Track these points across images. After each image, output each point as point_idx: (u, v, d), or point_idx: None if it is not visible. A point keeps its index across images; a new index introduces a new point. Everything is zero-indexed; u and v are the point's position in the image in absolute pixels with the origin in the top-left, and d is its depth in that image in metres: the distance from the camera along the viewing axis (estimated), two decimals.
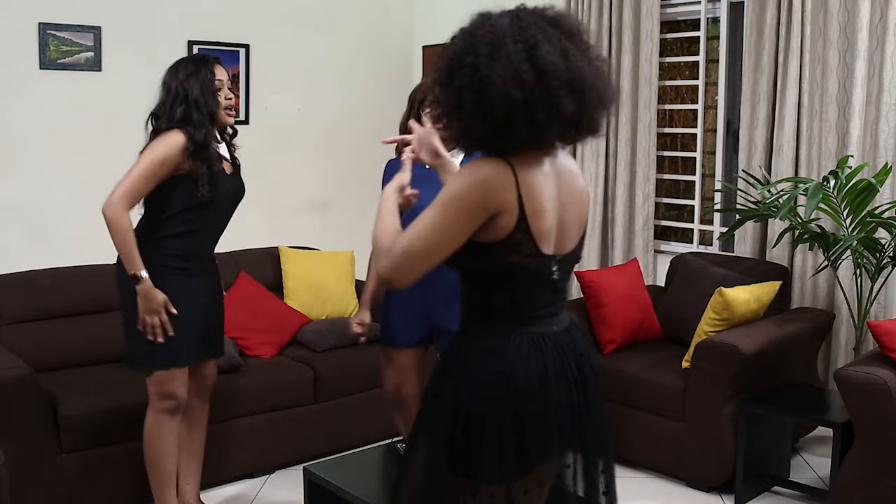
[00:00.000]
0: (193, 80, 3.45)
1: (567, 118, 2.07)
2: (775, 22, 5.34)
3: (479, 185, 2.08)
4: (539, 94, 2.03)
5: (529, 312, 2.24)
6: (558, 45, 2.05)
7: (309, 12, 7.42)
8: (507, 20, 2.08)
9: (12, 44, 6.08)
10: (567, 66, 2.04)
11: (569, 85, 2.04)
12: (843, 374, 3.67)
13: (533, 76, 2.02)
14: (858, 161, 4.90)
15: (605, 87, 2.13)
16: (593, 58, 2.12)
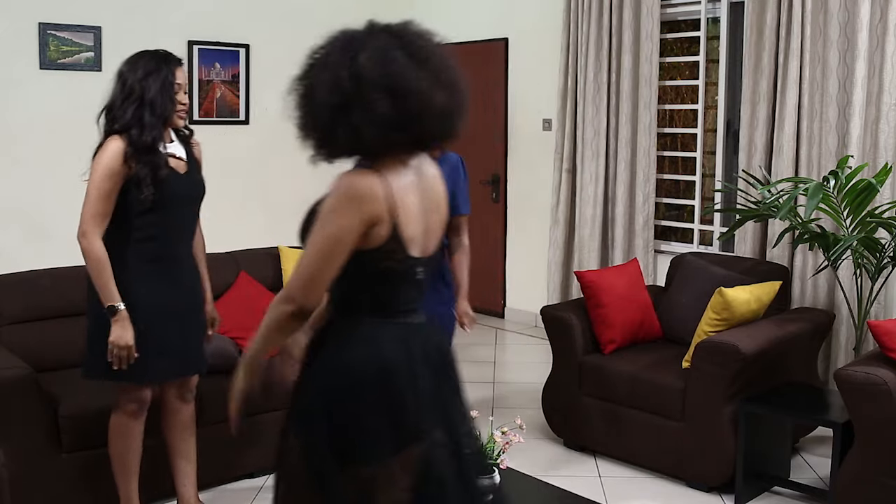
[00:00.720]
0: (153, 79, 3.35)
1: (385, 121, 2.14)
2: (775, 22, 5.34)
3: (353, 201, 2.18)
4: (354, 98, 2.13)
5: (396, 307, 2.36)
6: (382, 53, 2.17)
7: (309, 12, 7.42)
8: (352, 34, 2.26)
9: (12, 44, 6.08)
10: (385, 72, 2.14)
11: (386, 89, 2.13)
12: (843, 374, 3.67)
13: (349, 81, 2.14)
14: (858, 161, 4.90)
15: (444, 93, 2.21)
16: (435, 67, 2.22)
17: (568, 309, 4.80)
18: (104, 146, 3.33)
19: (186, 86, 3.49)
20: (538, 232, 7.18)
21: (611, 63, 6.37)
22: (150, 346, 3.41)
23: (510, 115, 7.48)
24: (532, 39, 7.23)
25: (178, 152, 3.52)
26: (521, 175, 7.45)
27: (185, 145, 3.58)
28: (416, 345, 2.35)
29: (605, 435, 4.58)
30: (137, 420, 3.57)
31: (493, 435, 3.19)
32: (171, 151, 3.48)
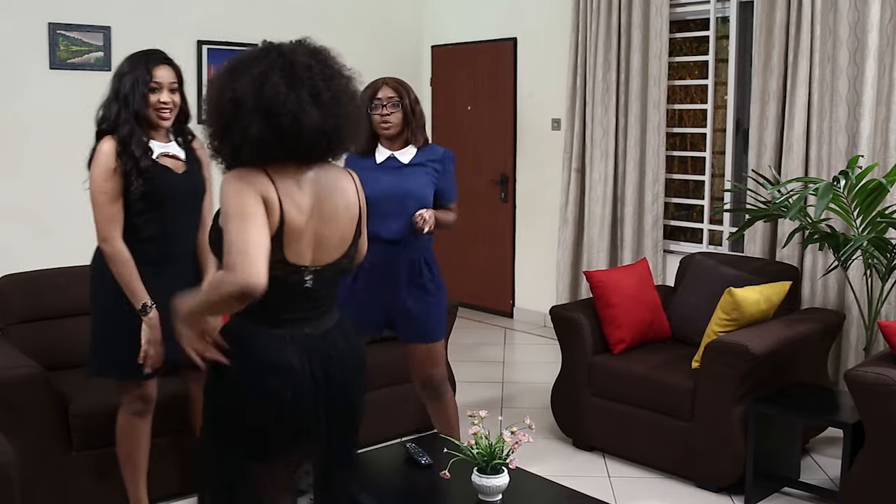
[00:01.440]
0: (127, 77, 3.43)
1: (258, 141, 2.29)
2: (785, 21, 5.32)
3: (243, 180, 2.32)
4: (233, 120, 2.31)
5: (279, 315, 2.44)
6: (260, 77, 2.29)
7: (317, 12, 7.43)
8: (242, 56, 2.40)
9: (22, 44, 6.10)
10: (259, 95, 2.27)
11: (259, 111, 2.27)
12: (853, 374, 3.66)
13: (230, 105, 2.31)
14: (869, 161, 4.89)
15: (319, 112, 2.32)
16: (313, 86, 2.32)
17: (577, 309, 4.79)
18: (97, 149, 3.38)
19: (174, 84, 3.49)
20: (547, 232, 7.18)
21: (620, 62, 6.36)
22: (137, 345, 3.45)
23: (519, 114, 7.47)
24: (541, 39, 7.23)
25: (174, 151, 3.53)
26: (529, 175, 7.45)
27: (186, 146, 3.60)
28: (292, 357, 2.43)
29: (614, 435, 4.58)
30: (144, 419, 3.60)
31: (502, 434, 3.18)
32: (166, 150, 3.49)
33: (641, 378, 4.45)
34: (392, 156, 3.88)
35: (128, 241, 3.39)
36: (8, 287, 4.26)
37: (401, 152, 3.88)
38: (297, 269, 2.40)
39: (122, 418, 3.59)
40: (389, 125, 3.83)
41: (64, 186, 6.12)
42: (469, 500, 3.14)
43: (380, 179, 3.76)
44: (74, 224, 6.16)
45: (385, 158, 3.87)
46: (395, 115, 3.83)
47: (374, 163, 3.85)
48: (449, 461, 3.14)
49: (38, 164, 6.19)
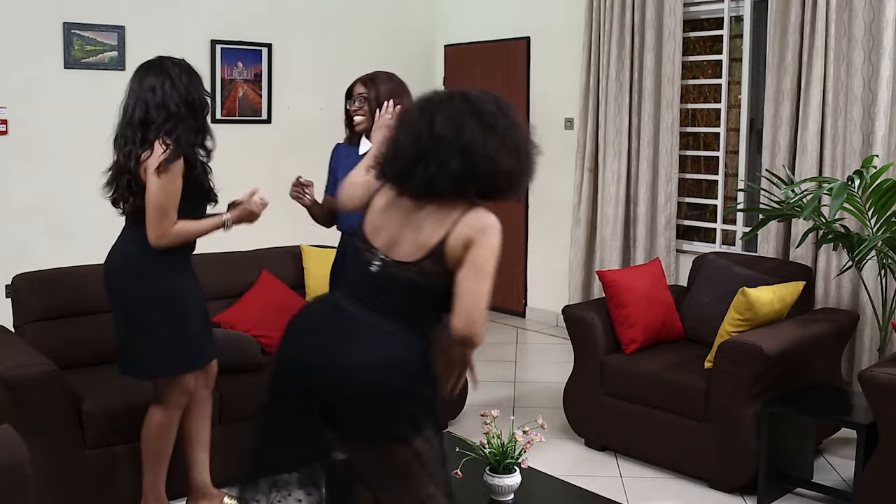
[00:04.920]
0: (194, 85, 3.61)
1: (454, 174, 2.49)
2: (799, 20, 5.30)
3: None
4: (431, 152, 2.49)
5: (348, 285, 2.70)
6: (455, 118, 2.51)
7: (331, 12, 7.44)
8: (429, 97, 2.61)
9: (37, 43, 6.13)
10: (458, 135, 2.49)
11: (459, 149, 2.48)
12: (867, 375, 3.64)
13: (428, 138, 2.50)
14: (883, 161, 4.86)
15: (507, 160, 2.55)
16: (502, 133, 2.55)
17: (589, 308, 4.78)
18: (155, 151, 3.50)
19: None
20: (560, 231, 7.17)
21: (633, 62, 6.35)
22: (198, 331, 3.65)
23: (532, 113, 7.46)
24: (554, 38, 7.22)
25: None
26: (542, 174, 7.32)
27: None
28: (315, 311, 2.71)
29: (626, 435, 4.57)
30: (180, 412, 3.71)
31: (514, 434, 3.18)
32: None
33: (654, 378, 4.45)
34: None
35: None
36: (23, 285, 4.28)
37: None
38: (370, 247, 2.64)
39: (164, 416, 3.65)
40: (359, 122, 3.93)
41: (79, 185, 6.15)
42: (481, 499, 3.14)
43: None
44: (89, 222, 6.19)
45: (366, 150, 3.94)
46: (363, 111, 3.91)
47: (357, 154, 3.94)
48: (461, 460, 3.15)
49: (52, 162, 6.22)
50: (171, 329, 3.54)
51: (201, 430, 3.83)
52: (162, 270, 3.54)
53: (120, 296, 3.58)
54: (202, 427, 3.84)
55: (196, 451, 3.83)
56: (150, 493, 3.72)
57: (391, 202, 2.64)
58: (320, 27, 7.39)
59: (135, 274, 3.54)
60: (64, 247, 6.06)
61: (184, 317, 3.59)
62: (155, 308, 3.53)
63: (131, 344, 3.57)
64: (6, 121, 6.02)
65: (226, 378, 4.19)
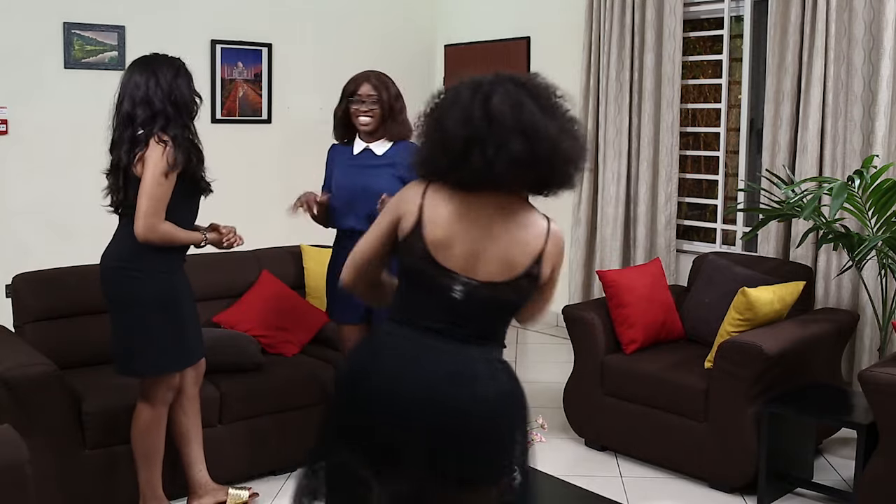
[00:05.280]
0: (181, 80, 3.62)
1: (516, 157, 2.27)
2: (799, 20, 5.30)
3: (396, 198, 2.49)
4: (487, 134, 2.27)
5: (414, 315, 2.40)
6: (513, 98, 2.29)
7: (331, 12, 7.43)
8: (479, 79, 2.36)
9: (37, 43, 6.13)
10: (518, 116, 2.27)
11: (519, 130, 2.27)
12: (867, 375, 3.64)
13: (481, 120, 2.28)
14: (884, 161, 4.86)
15: (567, 143, 2.34)
16: (560, 116, 2.35)
17: (590, 308, 4.79)
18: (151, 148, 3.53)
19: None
20: None
21: (633, 62, 6.35)
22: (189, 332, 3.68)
23: None
24: (554, 38, 7.21)
25: None
26: None
27: None
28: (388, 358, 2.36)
29: (626, 435, 4.57)
30: (167, 408, 3.74)
31: None
32: None
33: (654, 378, 4.45)
34: (367, 148, 4.02)
35: None
36: (23, 285, 4.29)
37: (375, 144, 4.02)
38: (444, 272, 2.34)
39: (151, 412, 3.67)
40: (368, 122, 3.96)
41: (79, 185, 6.15)
42: None
43: (354, 175, 3.97)
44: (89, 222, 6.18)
45: (361, 150, 3.98)
46: (373, 112, 3.95)
47: (352, 153, 4.03)
48: None
49: (52, 163, 6.21)
50: (164, 327, 3.57)
51: (195, 427, 3.87)
52: (156, 269, 3.56)
53: (114, 294, 3.61)
54: (196, 423, 3.87)
55: (192, 448, 3.86)
56: (148, 492, 3.73)
57: (448, 212, 2.36)
58: (320, 27, 7.38)
59: (129, 272, 3.55)
60: (64, 247, 6.05)
61: (178, 315, 3.61)
62: (148, 306, 3.55)
63: (123, 342, 3.61)
64: (6, 121, 6.02)
65: (226, 378, 4.19)
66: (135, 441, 3.70)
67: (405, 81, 8.09)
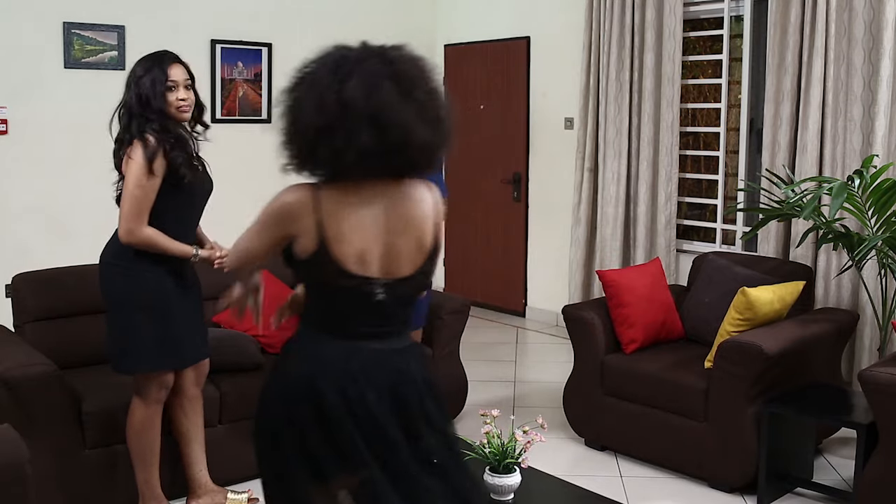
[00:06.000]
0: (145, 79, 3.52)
1: (365, 150, 2.18)
2: (799, 20, 5.30)
3: (279, 209, 2.34)
4: (338, 123, 2.18)
5: (348, 327, 2.35)
6: (370, 82, 2.18)
7: (331, 12, 7.43)
8: (344, 54, 2.25)
9: (37, 43, 6.13)
10: (371, 102, 2.16)
11: (370, 119, 2.17)
12: (867, 374, 3.64)
13: (335, 106, 2.17)
14: (883, 160, 4.87)
15: (422, 130, 2.23)
16: (420, 99, 2.23)
17: (589, 308, 4.78)
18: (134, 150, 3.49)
19: (188, 81, 3.61)
20: (560, 231, 7.17)
21: (633, 61, 6.35)
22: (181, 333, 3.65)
23: (532, 113, 7.46)
24: (554, 38, 7.22)
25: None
26: (542, 174, 7.44)
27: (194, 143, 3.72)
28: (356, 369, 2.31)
29: (626, 435, 4.57)
30: (160, 407, 3.72)
31: (514, 434, 3.18)
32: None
33: (654, 378, 4.45)
34: None
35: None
36: (23, 285, 4.28)
37: None
38: (364, 280, 2.30)
39: (144, 410, 3.66)
40: None
41: (79, 185, 6.16)
42: None
43: None
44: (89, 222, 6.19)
45: None
46: None
47: None
48: None
49: (52, 162, 6.22)
50: (148, 326, 3.55)
51: (195, 427, 3.87)
52: (142, 268, 3.55)
53: (105, 290, 3.62)
54: (197, 424, 3.87)
55: (193, 448, 3.86)
56: (147, 491, 3.72)
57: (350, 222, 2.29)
58: (320, 27, 7.38)
59: (118, 269, 3.56)
60: (64, 247, 6.05)
61: (165, 315, 3.58)
62: (133, 304, 3.55)
63: (113, 338, 3.62)
64: (6, 121, 6.02)
65: (226, 378, 4.19)
66: (129, 440, 3.70)
67: None
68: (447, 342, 4.92)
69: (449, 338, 4.93)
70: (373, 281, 2.31)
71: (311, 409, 2.30)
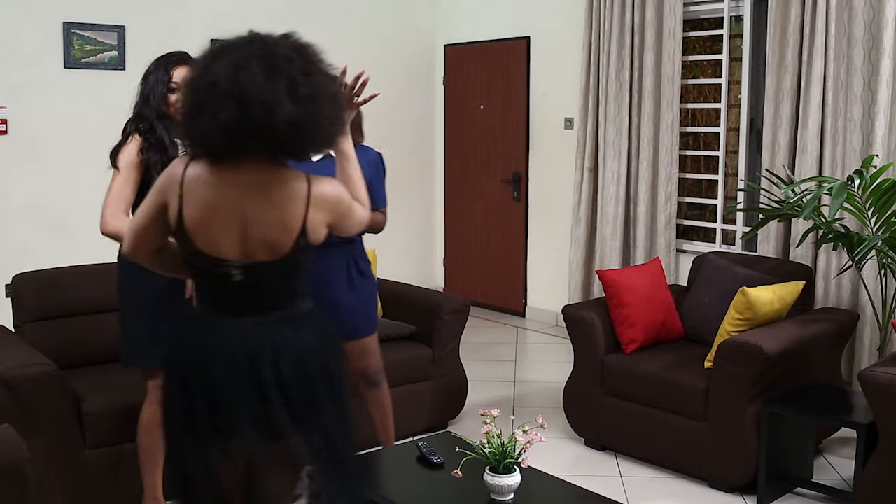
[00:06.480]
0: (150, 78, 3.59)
1: (227, 127, 2.27)
2: (799, 20, 5.30)
3: (160, 179, 2.48)
4: (205, 102, 2.29)
5: (212, 301, 2.51)
6: (239, 62, 2.27)
7: (331, 12, 7.43)
8: (227, 42, 2.36)
9: (37, 43, 6.13)
10: (235, 80, 2.25)
11: (232, 97, 2.25)
12: (867, 374, 3.64)
13: (204, 86, 2.29)
14: (883, 160, 4.87)
15: (289, 108, 2.28)
16: (291, 79, 2.29)
17: (589, 308, 4.79)
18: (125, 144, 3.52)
19: None
20: (559, 231, 7.17)
21: (633, 61, 6.35)
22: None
23: (532, 113, 7.47)
24: (554, 38, 7.22)
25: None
26: (542, 174, 7.44)
27: None
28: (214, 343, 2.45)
29: (626, 435, 4.57)
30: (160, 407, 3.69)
31: (514, 434, 3.18)
32: None
33: (654, 378, 4.45)
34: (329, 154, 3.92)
35: None
36: (22, 285, 4.28)
37: None
38: (219, 262, 2.42)
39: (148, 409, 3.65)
40: None
41: (79, 185, 6.16)
42: (481, 499, 3.14)
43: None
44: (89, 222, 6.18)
45: (321, 157, 3.91)
46: None
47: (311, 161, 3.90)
48: (461, 460, 3.15)
49: (52, 162, 6.22)
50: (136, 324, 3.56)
51: None
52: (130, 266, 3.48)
53: (117, 288, 3.63)
54: None
55: None
56: (149, 493, 3.72)
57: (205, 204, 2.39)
58: (320, 27, 7.36)
59: (125, 268, 3.56)
60: (64, 247, 6.06)
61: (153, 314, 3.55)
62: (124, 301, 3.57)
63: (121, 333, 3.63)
64: (6, 121, 6.02)
65: None
66: (139, 438, 3.69)
67: (405, 81, 8.15)
68: (447, 342, 4.93)
69: (449, 338, 4.94)
70: (227, 263, 2.41)
71: (179, 375, 2.51)
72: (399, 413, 4.55)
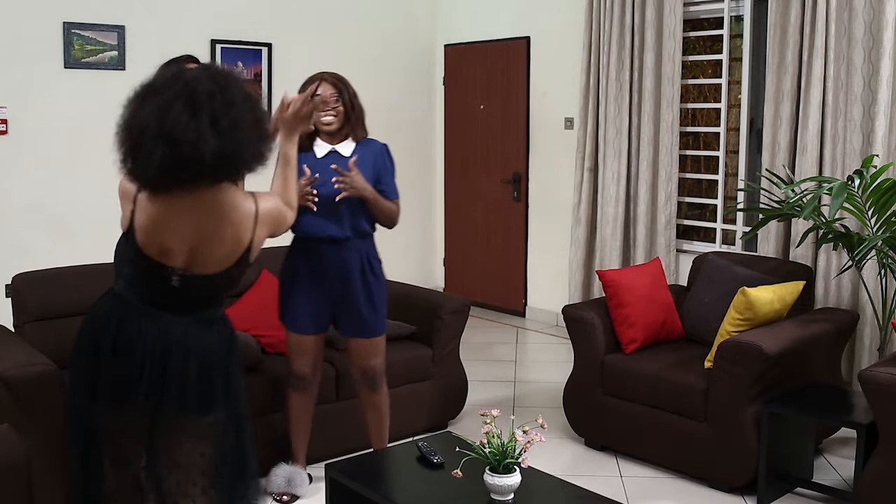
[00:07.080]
0: None
1: (160, 164, 2.45)
2: (799, 20, 5.30)
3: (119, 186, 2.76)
4: (136, 144, 2.48)
5: (143, 292, 2.73)
6: (164, 104, 2.44)
7: (331, 12, 7.44)
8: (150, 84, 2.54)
9: (37, 43, 6.13)
10: (161, 122, 2.42)
11: (162, 137, 2.42)
12: (867, 374, 3.64)
13: (135, 130, 2.48)
14: (883, 160, 4.87)
15: (213, 141, 2.45)
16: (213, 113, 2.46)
17: (589, 308, 4.79)
18: None
19: None
20: (559, 231, 7.17)
21: (633, 61, 6.35)
22: None
23: (532, 113, 7.47)
24: (554, 38, 7.22)
25: None
26: (542, 174, 7.44)
27: None
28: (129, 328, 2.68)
29: (626, 435, 4.57)
30: None
31: (514, 434, 3.18)
32: None
33: (654, 378, 4.45)
34: (334, 150, 3.93)
35: None
36: (22, 285, 4.28)
37: (341, 146, 3.95)
38: (161, 267, 2.66)
39: None
40: (331, 122, 3.90)
41: (79, 185, 6.16)
42: (481, 499, 3.14)
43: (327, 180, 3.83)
44: (89, 222, 6.19)
45: (326, 153, 3.92)
46: (337, 111, 3.89)
47: (315, 157, 3.92)
48: (461, 460, 3.15)
49: (52, 162, 6.22)
50: None
51: None
52: None
53: None
54: None
55: None
56: None
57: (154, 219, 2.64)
58: (320, 27, 7.38)
59: None
60: (64, 247, 6.06)
61: None
62: None
63: None
64: (6, 121, 6.02)
65: None
66: None
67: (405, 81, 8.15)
68: (447, 342, 4.93)
69: (449, 338, 4.94)
70: (171, 269, 2.66)
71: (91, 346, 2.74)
72: (399, 413, 4.55)
